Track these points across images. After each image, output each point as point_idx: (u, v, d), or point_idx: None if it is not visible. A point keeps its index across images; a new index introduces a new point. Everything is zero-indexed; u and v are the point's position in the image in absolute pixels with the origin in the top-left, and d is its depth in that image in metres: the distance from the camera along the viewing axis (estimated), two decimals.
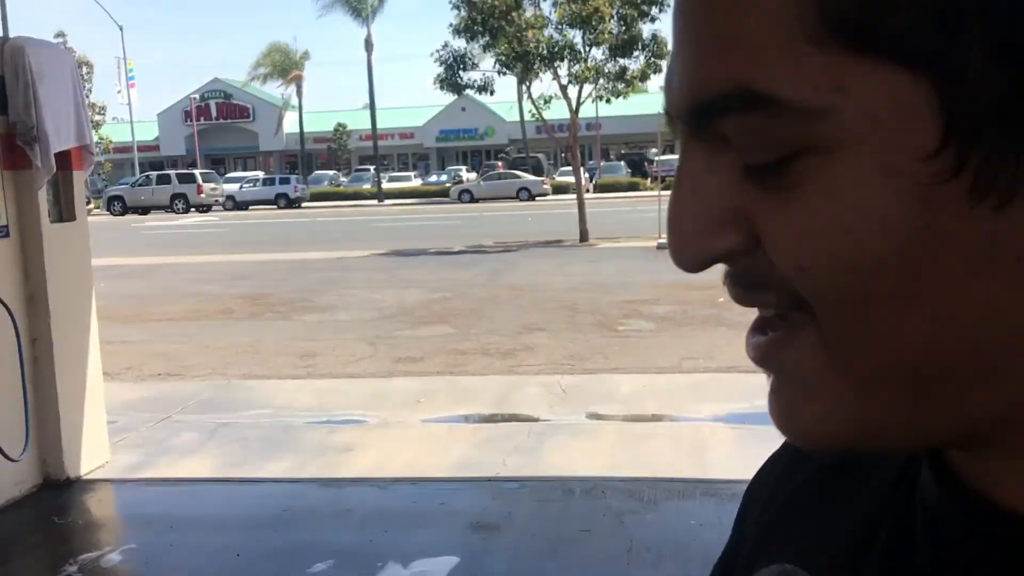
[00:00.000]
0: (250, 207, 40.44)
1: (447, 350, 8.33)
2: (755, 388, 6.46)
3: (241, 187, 42.22)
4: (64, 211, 5.25)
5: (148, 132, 57.67)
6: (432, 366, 7.76)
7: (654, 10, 17.47)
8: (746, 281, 0.39)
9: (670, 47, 0.41)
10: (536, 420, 5.97)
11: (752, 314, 0.42)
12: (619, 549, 3.98)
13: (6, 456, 4.47)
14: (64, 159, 5.10)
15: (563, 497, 4.65)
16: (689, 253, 0.38)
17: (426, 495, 4.80)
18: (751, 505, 0.61)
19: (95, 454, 5.31)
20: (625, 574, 3.75)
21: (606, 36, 17.24)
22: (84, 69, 39.13)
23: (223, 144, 58.56)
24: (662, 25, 18.29)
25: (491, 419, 6.08)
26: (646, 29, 18.00)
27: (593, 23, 16.54)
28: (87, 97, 6.20)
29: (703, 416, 5.86)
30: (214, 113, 57.19)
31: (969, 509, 0.41)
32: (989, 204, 0.33)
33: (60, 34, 39.27)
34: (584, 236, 17.80)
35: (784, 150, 0.35)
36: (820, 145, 0.34)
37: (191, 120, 54.29)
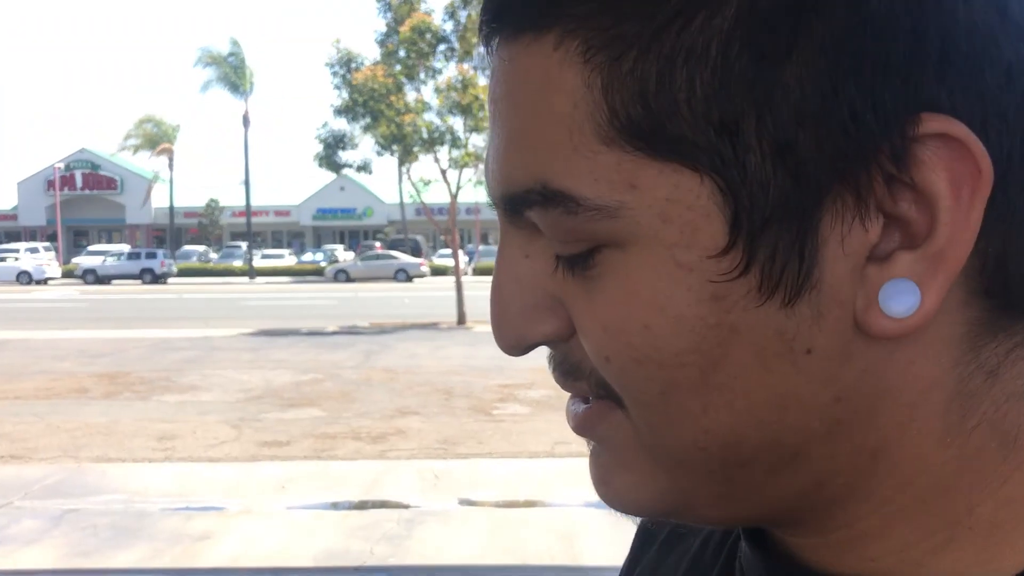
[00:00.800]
0: (113, 281, 38.83)
1: (315, 434, 8.09)
2: None
3: (104, 260, 40.56)
4: None
5: (5, 201, 55.02)
6: (299, 450, 7.51)
7: None
8: (565, 367, 0.40)
9: None
10: (407, 507, 5.82)
11: None
12: None
13: None
14: None
15: None
16: (511, 336, 0.40)
17: None
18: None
19: None
20: None
21: (486, 124, 17.59)
22: None
23: (88, 215, 56.39)
24: None
25: (360, 506, 5.90)
26: None
27: (474, 110, 16.88)
28: None
29: (576, 502, 5.84)
30: (80, 183, 55.09)
31: (786, 571, 0.42)
32: (777, 300, 0.34)
33: None
34: (462, 319, 17.81)
35: (586, 243, 0.36)
36: (617, 240, 0.35)
37: (54, 189, 52.08)
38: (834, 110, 0.32)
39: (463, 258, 24.54)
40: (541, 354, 0.42)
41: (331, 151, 19.10)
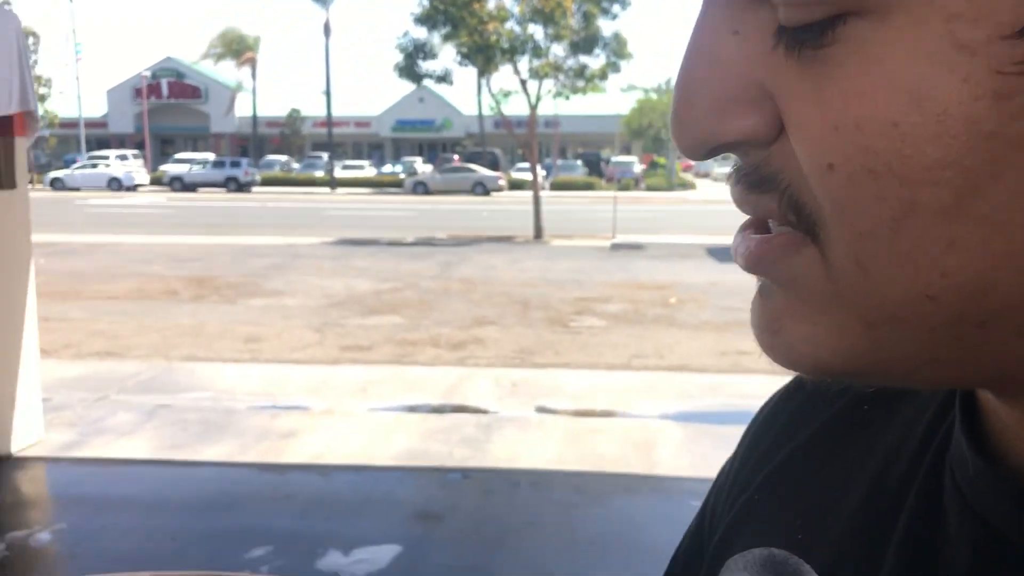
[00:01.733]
0: (198, 189, 39.76)
1: (396, 340, 8.23)
2: (704, 388, 6.49)
3: (190, 168, 41.48)
4: (4, 178, 5.05)
5: (96, 108, 56.39)
6: (380, 355, 7.66)
7: (616, 7, 17.51)
8: (754, 178, 0.32)
9: (630, 47, 0.34)
10: (485, 412, 5.91)
11: (708, 315, 0.34)
12: (564, 541, 3.94)
13: None
14: (6, 124, 4.90)
15: (509, 489, 4.60)
16: (697, 133, 0.31)
17: (370, 483, 4.72)
18: (745, 455, 0.52)
19: (28, 431, 5.13)
20: (569, 567, 3.71)
21: (567, 32, 17.23)
22: (30, 40, 38.10)
23: (173, 124, 57.52)
24: (623, 24, 18.36)
25: (439, 410, 6.01)
26: (608, 27, 18.05)
27: (555, 18, 16.51)
28: (32, 68, 5.97)
29: (652, 414, 5.85)
30: (165, 92, 56.10)
31: (1017, 494, 0.33)
32: None
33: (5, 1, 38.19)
34: (539, 233, 17.78)
35: (827, 7, 0.27)
36: (873, 5, 0.27)
37: (141, 98, 53.16)
38: None
39: (541, 172, 24.36)
40: (618, 270, 0.36)
41: (411, 61, 18.96)
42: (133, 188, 39.70)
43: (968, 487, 0.35)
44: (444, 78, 19.60)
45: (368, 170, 48.31)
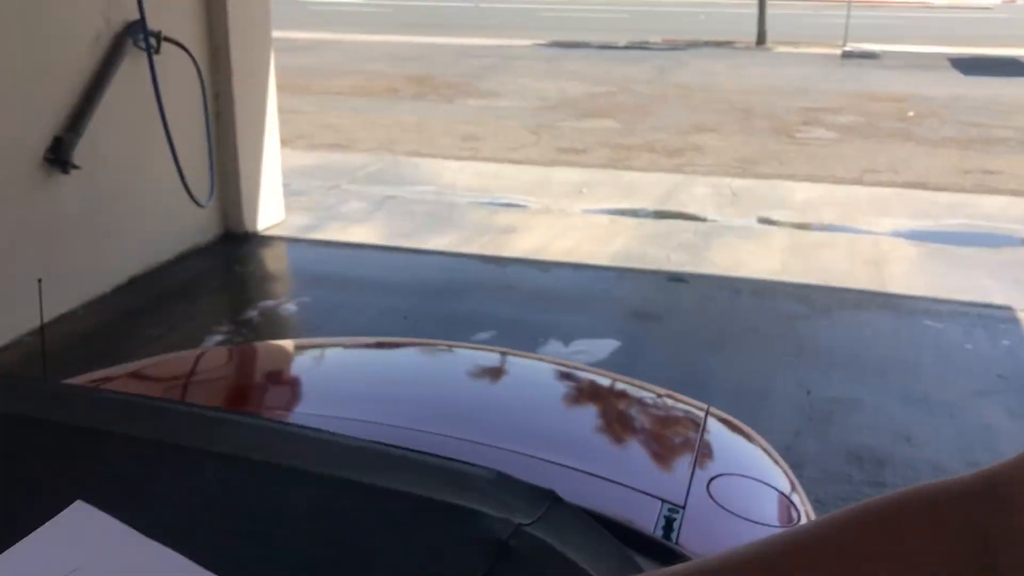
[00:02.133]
0: None
1: (611, 144, 8.11)
2: (942, 207, 6.03)
3: None
4: None
5: None
6: (595, 158, 7.59)
7: None
8: None
9: None
10: (703, 220, 5.78)
11: (950, 131, 0.23)
12: (787, 351, 3.87)
13: (195, 202, 4.67)
14: None
15: (729, 296, 4.53)
16: None
17: (588, 281, 4.78)
18: None
19: (270, 212, 5.51)
20: (792, 377, 3.65)
21: None
22: None
23: None
24: None
25: (656, 215, 5.93)
26: None
27: None
28: None
29: (883, 231, 5.52)
30: None
31: None
32: None
33: None
34: (761, 38, 16.68)
35: None
36: None
37: None
38: None
39: None
40: (849, 79, 0.25)
41: None
42: None
43: None
44: None
45: None
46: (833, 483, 2.81)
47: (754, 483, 1.46)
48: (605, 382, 1.92)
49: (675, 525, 1.27)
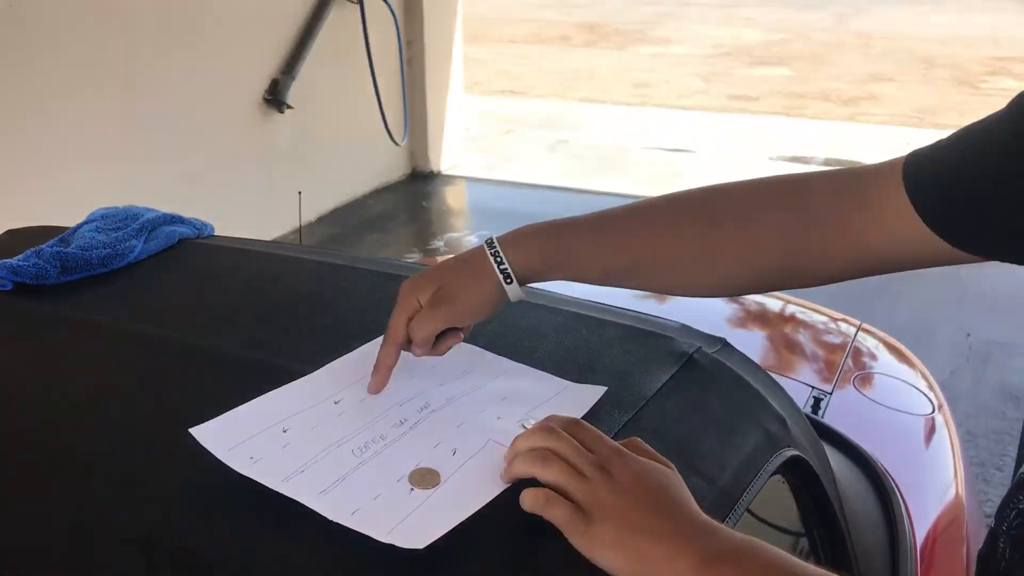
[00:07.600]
0: None
1: (784, 92, 8.08)
2: None
3: None
4: None
5: None
6: (768, 106, 7.60)
7: None
8: None
9: None
10: None
11: None
12: (950, 295, 3.93)
13: (393, 140, 5.12)
14: None
15: None
16: None
17: None
18: None
19: (453, 153, 5.92)
20: (955, 320, 3.72)
21: None
22: None
23: None
24: None
25: (825, 163, 5.96)
26: None
27: None
28: None
29: None
30: None
31: None
32: None
33: None
34: None
35: None
36: None
37: None
38: None
39: None
40: None
41: None
42: None
43: None
44: None
45: None
46: (986, 417, 2.94)
47: (895, 380, 1.69)
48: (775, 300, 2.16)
49: (822, 404, 1.53)
